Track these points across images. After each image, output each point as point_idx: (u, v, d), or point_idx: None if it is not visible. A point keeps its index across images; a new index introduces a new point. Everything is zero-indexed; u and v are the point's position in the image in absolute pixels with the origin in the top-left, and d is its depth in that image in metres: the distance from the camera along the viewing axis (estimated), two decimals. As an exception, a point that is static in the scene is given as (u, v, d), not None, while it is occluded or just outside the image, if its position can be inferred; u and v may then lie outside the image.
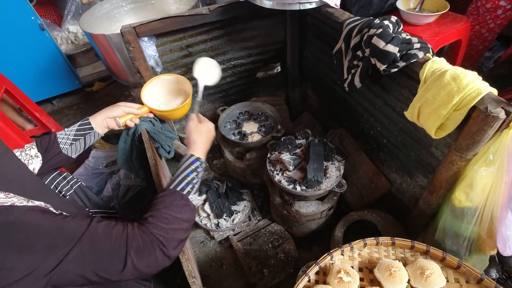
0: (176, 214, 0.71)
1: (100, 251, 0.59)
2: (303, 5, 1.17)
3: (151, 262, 0.64)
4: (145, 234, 0.65)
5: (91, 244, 0.58)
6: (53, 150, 0.94)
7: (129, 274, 0.61)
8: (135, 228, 0.65)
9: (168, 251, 0.66)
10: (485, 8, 1.64)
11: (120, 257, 0.61)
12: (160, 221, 0.67)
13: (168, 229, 0.67)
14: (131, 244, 0.62)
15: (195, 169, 0.83)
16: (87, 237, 0.58)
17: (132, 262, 0.61)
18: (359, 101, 1.30)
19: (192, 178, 0.80)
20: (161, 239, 0.65)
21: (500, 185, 0.79)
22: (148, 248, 0.63)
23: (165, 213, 0.70)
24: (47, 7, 2.75)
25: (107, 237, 0.61)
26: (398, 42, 0.88)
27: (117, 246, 0.61)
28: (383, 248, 0.92)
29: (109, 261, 0.60)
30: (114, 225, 0.64)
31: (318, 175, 1.15)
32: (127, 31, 1.24)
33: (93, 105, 2.53)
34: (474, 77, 0.75)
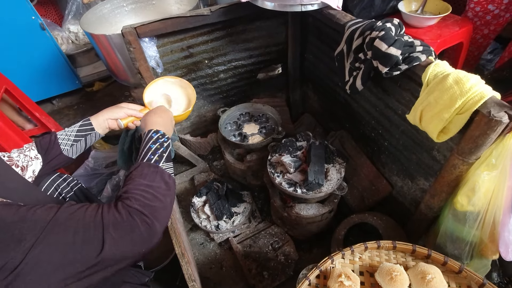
0: (149, 182, 0.67)
1: (73, 234, 0.56)
2: (304, 7, 1.17)
3: (136, 236, 0.60)
4: (122, 208, 0.61)
5: (61, 230, 0.55)
6: (53, 151, 0.93)
7: (111, 253, 0.57)
8: (111, 205, 0.62)
9: (152, 222, 0.61)
10: (474, 12, 1.64)
11: (97, 236, 0.57)
12: (133, 193, 0.64)
13: (144, 199, 0.64)
14: (108, 219, 0.58)
15: (156, 140, 0.79)
16: (56, 224, 0.55)
17: (111, 238, 0.57)
18: (360, 103, 1.30)
19: (155, 149, 0.76)
20: (140, 209, 0.61)
21: (502, 190, 0.79)
22: (129, 221, 0.60)
23: (137, 184, 0.66)
24: (48, 7, 2.74)
25: (79, 219, 0.58)
26: (401, 45, 0.88)
27: (91, 226, 0.57)
28: (384, 252, 0.92)
29: (85, 243, 0.56)
30: (88, 206, 0.61)
31: (319, 178, 1.14)
32: (128, 31, 1.24)
33: (93, 105, 2.52)
34: (477, 81, 0.74)
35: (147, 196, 0.64)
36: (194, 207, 1.47)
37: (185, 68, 1.52)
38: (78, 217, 0.58)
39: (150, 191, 0.66)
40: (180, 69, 1.52)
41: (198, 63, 1.53)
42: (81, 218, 0.58)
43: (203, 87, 1.64)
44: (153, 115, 0.92)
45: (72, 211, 0.58)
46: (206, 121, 1.81)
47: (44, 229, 0.53)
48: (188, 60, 1.50)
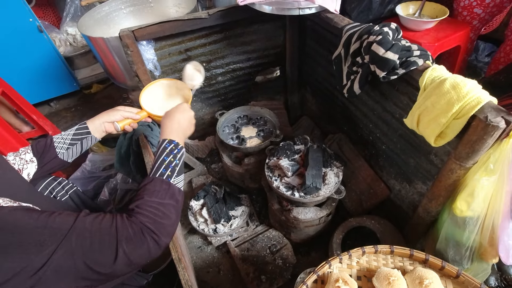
0: (160, 200, 0.70)
1: (90, 244, 0.59)
2: (302, 10, 1.17)
3: (143, 251, 0.63)
4: (134, 223, 0.64)
5: (79, 239, 0.58)
6: (49, 154, 0.93)
7: (122, 264, 0.61)
8: (124, 218, 0.65)
9: (159, 238, 0.65)
10: (462, 16, 1.66)
11: (111, 248, 0.60)
12: (145, 210, 0.67)
13: (155, 216, 0.67)
14: (122, 234, 0.62)
15: (170, 152, 0.80)
16: (75, 232, 0.58)
17: (124, 252, 0.61)
18: (358, 107, 1.30)
19: (169, 162, 0.78)
20: (151, 227, 0.65)
21: (501, 195, 0.79)
22: (140, 238, 0.63)
23: (149, 201, 0.69)
24: (46, 9, 2.74)
25: (96, 230, 0.60)
26: (398, 49, 0.88)
27: (107, 238, 0.60)
28: (381, 256, 0.92)
29: (100, 253, 0.59)
30: (103, 217, 0.63)
31: (316, 182, 1.14)
32: (125, 34, 1.24)
33: (91, 108, 2.52)
34: (474, 86, 0.74)
35: (157, 213, 0.67)
36: (192, 210, 1.47)
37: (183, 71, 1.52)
38: (95, 228, 0.61)
39: (161, 209, 0.69)
40: (178, 72, 1.52)
41: (196, 66, 1.53)
42: (97, 229, 0.61)
43: (201, 90, 1.64)
44: (171, 120, 0.91)
45: (89, 220, 0.61)
46: (204, 124, 1.81)
47: (65, 236, 0.56)
48: (186, 63, 1.49)
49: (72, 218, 0.60)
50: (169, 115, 0.93)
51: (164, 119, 0.92)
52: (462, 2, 1.61)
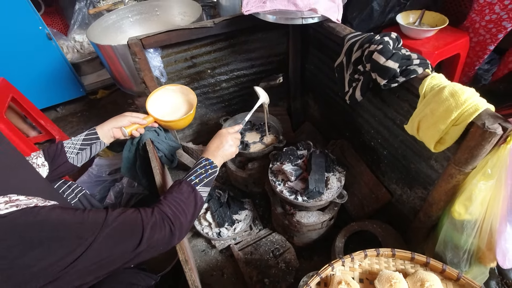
0: (183, 198, 0.81)
1: (120, 233, 0.66)
2: (305, 20, 1.21)
3: (160, 238, 0.71)
4: (158, 212, 0.74)
5: (111, 231, 0.64)
6: (60, 159, 0.96)
7: (143, 249, 0.68)
8: (147, 209, 0.74)
9: (175, 229, 0.74)
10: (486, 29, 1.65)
11: (138, 234, 0.68)
12: (170, 202, 0.78)
13: (176, 210, 0.77)
14: (147, 221, 0.70)
15: (203, 166, 0.92)
16: (107, 225, 0.64)
17: (147, 237, 0.68)
18: (360, 113, 1.32)
19: (200, 173, 0.90)
20: (170, 217, 0.74)
21: (498, 199, 0.81)
22: (160, 224, 0.72)
23: (175, 197, 0.80)
24: (54, 17, 2.80)
25: (125, 219, 0.68)
26: (398, 58, 0.91)
27: (134, 227, 0.68)
28: (383, 259, 0.93)
29: (128, 239, 0.67)
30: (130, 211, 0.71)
31: (319, 186, 1.16)
32: (133, 43, 1.28)
33: (97, 113, 2.56)
34: (471, 93, 0.77)
35: (178, 208, 0.78)
36: (196, 214, 1.49)
37: (188, 77, 1.56)
38: (124, 218, 0.68)
39: (182, 206, 0.79)
40: (184, 78, 1.55)
41: (201, 73, 1.57)
42: (127, 219, 0.69)
43: (205, 96, 1.67)
44: (211, 143, 1.03)
45: (117, 212, 0.68)
46: (208, 129, 1.84)
47: (100, 229, 0.63)
48: (191, 70, 1.54)
49: (103, 213, 0.67)
50: (214, 138, 1.05)
51: (213, 141, 1.04)
52: (488, 16, 1.59)
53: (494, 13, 1.56)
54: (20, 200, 0.59)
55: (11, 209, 0.56)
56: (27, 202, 0.60)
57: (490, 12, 1.57)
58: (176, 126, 1.27)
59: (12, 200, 0.58)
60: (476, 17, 1.64)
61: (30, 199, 0.61)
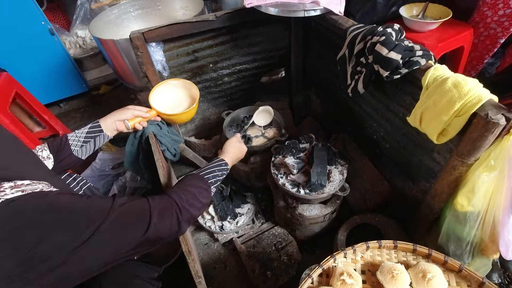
0: (197, 194, 0.82)
1: (127, 218, 0.67)
2: (307, 12, 1.20)
3: (167, 225, 0.72)
4: (168, 200, 0.75)
5: (118, 215, 0.65)
6: (64, 151, 0.97)
7: (151, 234, 0.68)
8: (155, 197, 0.75)
9: (182, 219, 0.74)
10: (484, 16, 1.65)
11: (145, 219, 0.69)
12: (182, 193, 0.79)
13: (187, 201, 0.78)
14: (155, 207, 0.71)
15: (221, 169, 0.98)
16: (114, 210, 0.65)
17: (154, 223, 0.69)
18: (362, 107, 1.32)
19: (217, 174, 0.95)
20: (179, 206, 0.75)
21: (501, 190, 0.80)
22: (168, 212, 0.73)
23: (187, 187, 0.82)
24: (56, 12, 2.80)
25: (133, 205, 0.69)
26: (401, 49, 0.91)
27: (142, 213, 0.69)
28: (385, 251, 0.94)
29: (135, 224, 0.68)
30: (137, 199, 0.72)
31: (321, 179, 1.17)
32: (135, 36, 1.28)
33: (99, 108, 2.57)
34: (475, 84, 0.77)
35: (189, 200, 0.79)
36: (199, 208, 1.50)
37: (191, 71, 1.56)
38: (132, 204, 0.69)
39: (192, 198, 0.81)
40: (186, 72, 1.55)
41: (203, 67, 1.57)
42: (134, 204, 0.70)
43: (207, 90, 1.67)
44: (234, 148, 1.14)
45: (123, 201, 0.69)
46: (210, 124, 1.84)
47: (107, 214, 0.64)
48: (194, 64, 1.54)
49: (110, 200, 0.67)
50: (235, 147, 1.15)
51: (230, 146, 1.13)
52: (502, 10, 1.58)
53: (508, 8, 1.55)
54: (25, 185, 0.59)
55: (17, 194, 0.56)
56: (33, 187, 0.60)
57: (505, 7, 1.56)
58: (179, 120, 1.27)
59: (17, 185, 0.58)
60: (488, 11, 1.62)
61: (35, 183, 0.62)
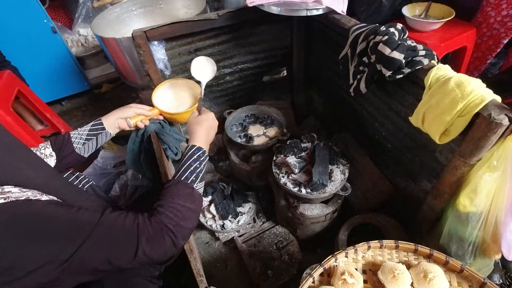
0: (183, 203, 0.73)
1: (113, 240, 0.62)
2: (310, 12, 1.20)
3: (160, 250, 0.66)
4: (156, 223, 0.67)
5: (104, 234, 0.61)
6: (66, 149, 0.97)
7: (140, 261, 0.64)
8: (145, 218, 0.68)
9: (177, 240, 0.68)
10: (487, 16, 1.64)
11: (132, 245, 0.63)
12: (168, 211, 0.70)
13: (176, 218, 0.70)
14: (142, 233, 0.64)
15: (197, 158, 0.83)
16: (101, 227, 0.61)
17: (143, 251, 0.64)
18: (364, 106, 1.32)
19: (195, 168, 0.81)
20: (171, 228, 0.67)
21: (504, 191, 0.80)
22: (158, 237, 0.66)
23: (172, 203, 0.72)
24: (58, 11, 2.81)
25: (119, 226, 0.64)
26: (404, 49, 0.90)
27: (129, 235, 0.64)
28: (387, 251, 0.94)
29: (121, 249, 0.63)
30: (126, 215, 0.66)
31: (323, 178, 1.17)
32: (138, 35, 1.28)
33: (101, 107, 2.57)
34: (478, 84, 0.76)
35: (178, 215, 0.70)
36: (200, 206, 1.50)
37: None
38: (118, 224, 0.64)
39: (183, 211, 0.72)
40: (188, 71, 1.54)
41: (205, 65, 1.56)
42: (121, 226, 0.64)
43: (209, 89, 1.67)
44: (199, 124, 0.95)
45: (113, 217, 0.64)
46: (212, 123, 1.84)
47: (92, 230, 0.60)
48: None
49: (98, 214, 0.63)
50: (200, 123, 0.97)
51: (194, 126, 0.95)
52: (505, 10, 1.57)
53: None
54: (12, 193, 0.57)
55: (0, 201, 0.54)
56: (18, 195, 0.57)
57: (508, 7, 1.55)
58: (181, 119, 1.27)
59: (3, 192, 0.56)
60: (491, 11, 1.62)
61: (23, 191, 0.59)
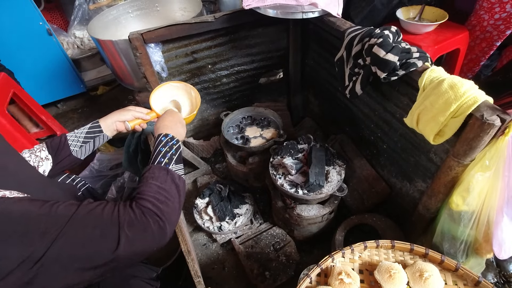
0: (160, 184, 0.70)
1: (91, 231, 0.59)
2: (306, 14, 1.21)
3: (148, 236, 0.62)
4: (136, 207, 0.64)
5: (81, 225, 0.58)
6: (63, 152, 0.97)
7: (125, 251, 0.60)
8: (126, 204, 0.65)
9: (163, 222, 0.64)
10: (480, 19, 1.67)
11: (113, 234, 0.59)
12: (146, 194, 0.67)
13: (156, 200, 0.67)
14: (123, 219, 0.61)
15: (165, 144, 0.82)
16: (77, 219, 0.58)
17: (126, 237, 0.60)
18: (360, 108, 1.33)
19: (165, 152, 0.79)
20: (153, 209, 0.64)
21: (496, 190, 0.82)
22: (142, 221, 0.62)
23: (149, 186, 0.69)
24: (54, 13, 2.80)
25: (97, 216, 0.60)
26: (398, 51, 0.92)
27: (109, 223, 0.60)
28: (383, 251, 0.95)
29: (101, 239, 0.59)
30: (105, 204, 0.63)
31: (319, 179, 1.18)
32: (134, 37, 1.28)
33: (97, 109, 2.56)
34: (470, 86, 0.78)
35: (159, 198, 0.67)
36: (197, 208, 1.50)
37: (189, 72, 1.56)
38: (96, 214, 0.61)
39: (163, 193, 0.69)
40: (184, 73, 1.56)
41: (201, 68, 1.57)
42: (99, 216, 0.61)
43: (206, 91, 1.68)
44: (162, 120, 0.95)
45: (91, 208, 0.61)
46: (209, 125, 1.85)
47: (66, 223, 0.56)
48: (192, 65, 1.54)
49: (75, 207, 0.60)
50: (160, 118, 0.97)
51: (158, 122, 0.95)
52: (498, 14, 1.60)
53: (504, 12, 1.58)
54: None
55: None
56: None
57: (501, 11, 1.58)
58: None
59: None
60: (484, 14, 1.65)
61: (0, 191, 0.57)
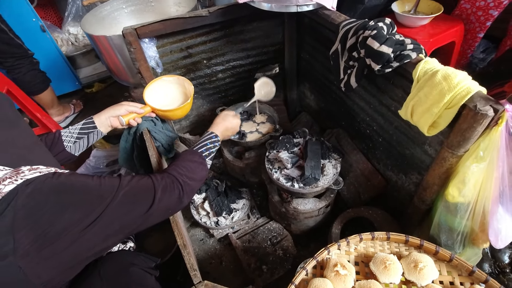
0: (194, 168, 0.89)
1: (134, 195, 0.72)
2: (300, 8, 1.20)
3: (171, 200, 0.78)
4: (168, 177, 0.81)
5: (127, 192, 0.71)
6: (57, 147, 0.97)
7: (155, 209, 0.74)
8: (158, 175, 0.80)
9: (183, 194, 0.81)
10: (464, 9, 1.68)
11: (150, 195, 0.74)
12: (180, 169, 0.85)
13: (185, 176, 0.84)
14: (158, 184, 0.77)
15: (213, 141, 1.03)
16: (122, 187, 0.70)
17: (159, 199, 0.75)
18: (355, 101, 1.33)
19: (209, 147, 1.00)
20: (180, 181, 0.82)
21: (490, 180, 0.82)
22: (171, 187, 0.79)
23: (186, 164, 0.88)
24: (47, 9, 2.77)
25: (137, 183, 0.74)
26: (392, 43, 0.92)
27: (147, 187, 0.75)
28: (378, 242, 0.95)
29: (141, 201, 0.73)
30: (141, 177, 0.78)
31: (315, 173, 1.18)
32: (128, 32, 1.27)
33: (93, 106, 2.55)
34: (464, 77, 0.78)
35: (188, 175, 0.85)
36: (194, 203, 1.50)
37: (184, 68, 1.56)
38: (136, 182, 0.74)
39: (191, 173, 0.87)
40: (179, 69, 1.55)
41: (197, 63, 1.56)
42: (138, 183, 0.75)
43: (202, 86, 1.67)
44: (224, 119, 1.17)
45: (129, 179, 0.74)
46: (204, 120, 1.84)
47: (116, 191, 0.69)
48: (187, 60, 1.54)
49: (117, 178, 0.73)
50: (224, 117, 1.18)
51: (218, 118, 1.17)
52: (478, 2, 1.63)
53: (482, 0, 1.58)
54: (41, 168, 0.65)
55: (35, 175, 0.61)
56: (48, 170, 0.65)
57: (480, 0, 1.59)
58: (174, 116, 1.27)
59: (34, 168, 0.64)
60: (466, 4, 1.65)
61: (49, 168, 0.67)
